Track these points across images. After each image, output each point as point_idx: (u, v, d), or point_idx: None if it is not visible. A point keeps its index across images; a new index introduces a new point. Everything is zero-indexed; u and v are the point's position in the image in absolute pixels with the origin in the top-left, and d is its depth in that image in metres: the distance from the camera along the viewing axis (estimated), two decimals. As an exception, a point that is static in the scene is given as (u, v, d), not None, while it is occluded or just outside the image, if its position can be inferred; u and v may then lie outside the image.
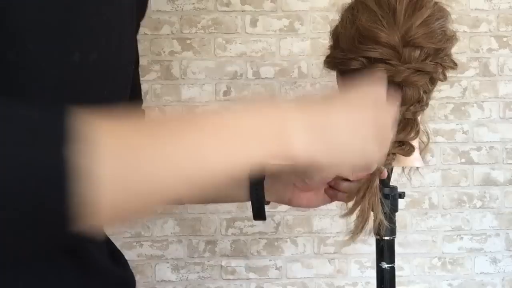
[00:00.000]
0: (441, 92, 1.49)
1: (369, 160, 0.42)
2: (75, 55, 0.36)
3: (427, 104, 0.70)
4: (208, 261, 1.48)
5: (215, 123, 0.31)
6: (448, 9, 0.70)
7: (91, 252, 0.47)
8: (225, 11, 1.47)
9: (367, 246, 1.50)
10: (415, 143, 0.72)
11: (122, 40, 0.44)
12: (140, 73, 0.64)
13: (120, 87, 0.46)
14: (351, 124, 0.38)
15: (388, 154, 0.67)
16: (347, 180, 0.70)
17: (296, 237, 1.49)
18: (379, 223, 0.75)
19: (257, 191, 0.68)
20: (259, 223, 1.48)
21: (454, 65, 0.70)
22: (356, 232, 0.70)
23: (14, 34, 0.32)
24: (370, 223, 0.71)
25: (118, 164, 0.27)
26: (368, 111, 0.41)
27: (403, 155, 0.69)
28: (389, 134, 0.44)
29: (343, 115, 0.38)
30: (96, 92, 0.40)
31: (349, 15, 0.69)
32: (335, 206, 0.76)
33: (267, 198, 0.70)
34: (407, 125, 0.69)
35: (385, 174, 0.70)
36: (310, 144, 0.34)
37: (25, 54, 0.33)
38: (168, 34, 1.47)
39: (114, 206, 0.28)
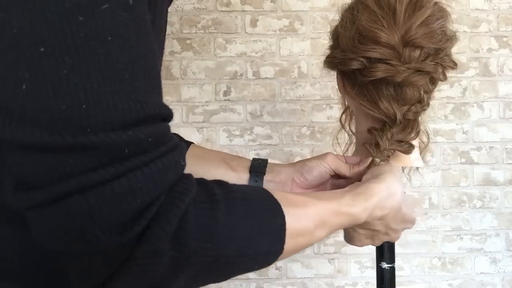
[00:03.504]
0: (441, 92, 1.49)
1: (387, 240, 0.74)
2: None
3: (428, 104, 0.70)
4: (208, 261, 1.48)
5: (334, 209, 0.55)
6: (448, 9, 0.70)
7: None
8: (225, 11, 1.47)
9: (367, 246, 1.50)
10: (415, 143, 0.72)
11: (165, 32, 0.59)
12: None
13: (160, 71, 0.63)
14: (384, 222, 0.66)
15: (386, 150, 0.68)
16: (343, 177, 0.71)
17: (296, 237, 1.49)
18: None
19: (257, 184, 0.69)
20: (259, 223, 1.48)
21: (454, 65, 0.70)
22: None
23: None
24: None
25: (294, 222, 0.48)
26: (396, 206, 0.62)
27: (402, 152, 0.69)
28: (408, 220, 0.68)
29: (380, 218, 0.63)
30: None
31: (349, 15, 0.69)
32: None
33: None
34: (407, 125, 0.68)
35: None
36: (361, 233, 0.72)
37: None
38: (168, 34, 1.46)
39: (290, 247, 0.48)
